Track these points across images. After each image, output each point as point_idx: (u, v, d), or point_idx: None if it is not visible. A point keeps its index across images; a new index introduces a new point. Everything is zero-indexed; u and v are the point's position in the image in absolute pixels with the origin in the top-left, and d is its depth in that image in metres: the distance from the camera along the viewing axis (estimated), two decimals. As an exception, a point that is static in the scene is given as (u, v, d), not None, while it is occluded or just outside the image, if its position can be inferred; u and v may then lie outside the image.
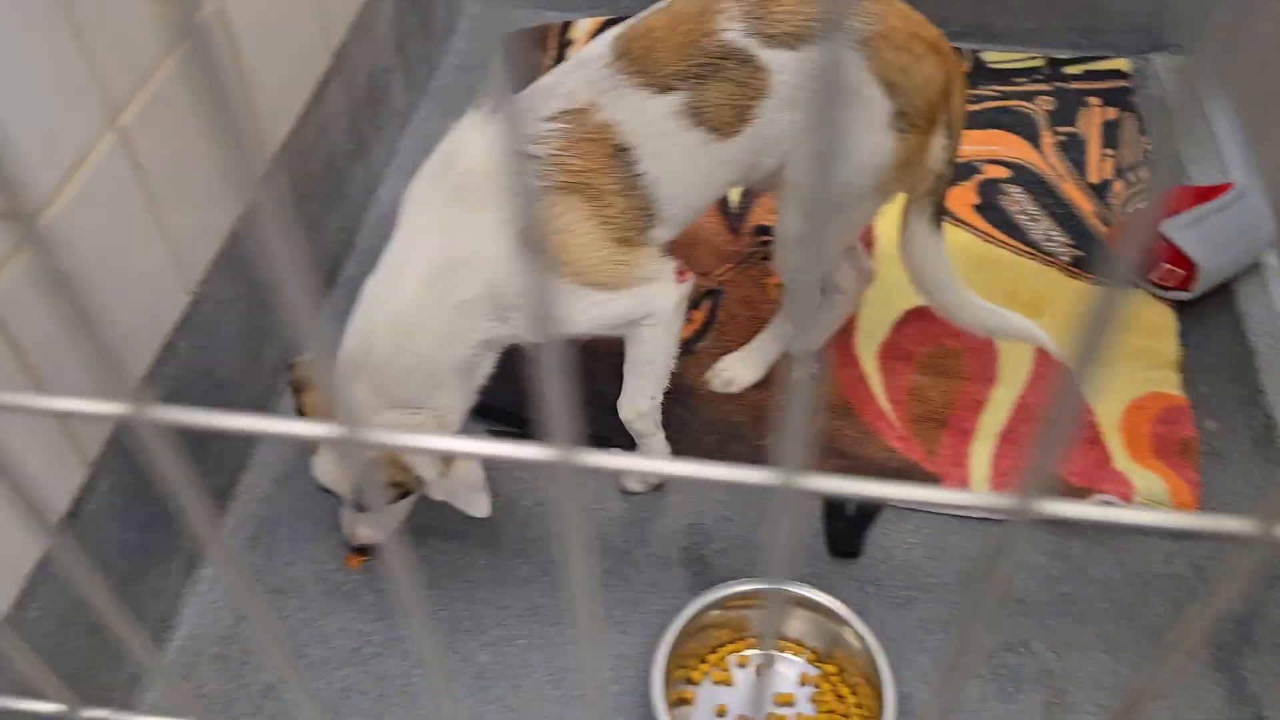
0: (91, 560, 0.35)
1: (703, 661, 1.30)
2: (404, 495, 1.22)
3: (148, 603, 1.27)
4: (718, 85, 1.18)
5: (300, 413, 1.25)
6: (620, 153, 1.19)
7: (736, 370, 1.58)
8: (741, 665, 1.30)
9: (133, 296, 1.15)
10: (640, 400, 1.33)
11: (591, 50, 1.22)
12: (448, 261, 1.16)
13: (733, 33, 1.17)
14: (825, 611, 1.27)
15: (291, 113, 1.48)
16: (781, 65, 1.18)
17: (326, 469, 1.21)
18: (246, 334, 1.41)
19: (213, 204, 1.30)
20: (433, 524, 1.41)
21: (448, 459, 1.15)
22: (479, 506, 1.20)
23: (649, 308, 1.26)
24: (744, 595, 1.29)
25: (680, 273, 1.28)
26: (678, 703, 1.25)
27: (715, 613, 1.28)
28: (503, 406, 1.43)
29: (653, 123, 1.18)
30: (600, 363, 1.47)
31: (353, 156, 1.70)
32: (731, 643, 1.31)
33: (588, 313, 1.22)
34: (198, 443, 1.31)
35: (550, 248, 1.22)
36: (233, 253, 1.34)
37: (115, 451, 1.14)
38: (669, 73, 1.17)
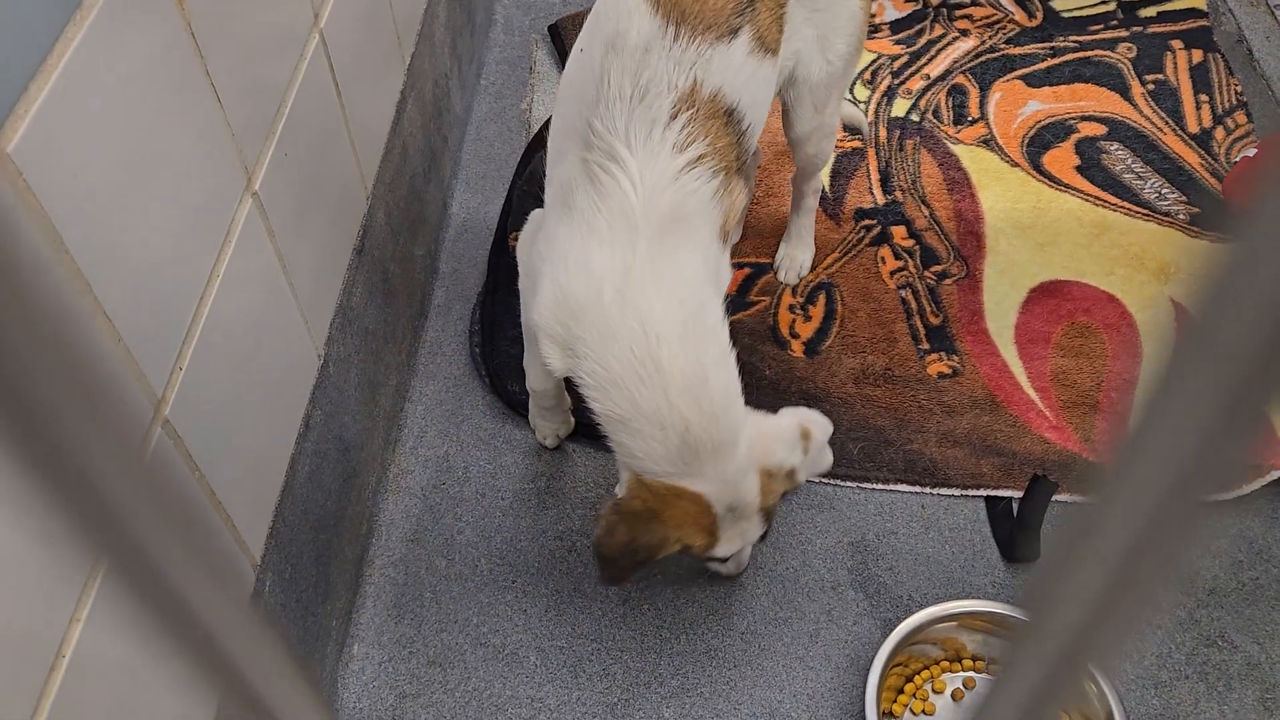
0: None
1: (899, 693, 1.23)
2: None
3: (307, 695, 1.17)
4: (764, 3, 1.13)
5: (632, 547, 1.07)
6: (730, 116, 1.11)
7: (798, 257, 1.62)
8: (938, 691, 1.23)
9: (276, 369, 1.03)
10: None
11: (629, 31, 1.04)
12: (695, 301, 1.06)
13: None
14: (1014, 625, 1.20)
15: (380, 141, 1.35)
16: None
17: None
18: (364, 389, 1.29)
19: (329, 256, 1.18)
20: (573, 586, 1.32)
21: (805, 435, 1.12)
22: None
23: None
24: (934, 620, 1.22)
25: None
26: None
27: (910, 648, 1.21)
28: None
29: (740, 71, 1.11)
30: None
31: (428, 175, 1.58)
32: (926, 669, 1.24)
33: None
34: (331, 516, 1.21)
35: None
36: (348, 305, 1.23)
37: (274, 547, 1.03)
38: (729, 13, 1.09)
